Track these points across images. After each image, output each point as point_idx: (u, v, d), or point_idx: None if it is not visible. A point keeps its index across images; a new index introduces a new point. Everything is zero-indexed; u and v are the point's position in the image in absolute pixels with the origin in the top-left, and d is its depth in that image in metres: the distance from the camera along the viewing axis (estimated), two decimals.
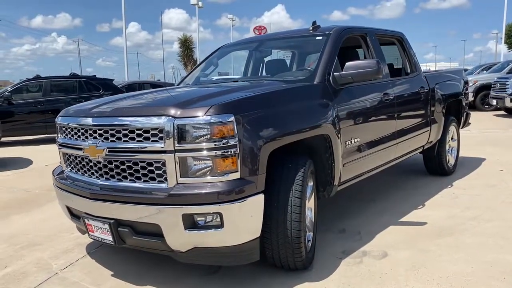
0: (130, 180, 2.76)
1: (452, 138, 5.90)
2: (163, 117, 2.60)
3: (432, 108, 5.11)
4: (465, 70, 21.56)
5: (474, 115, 14.23)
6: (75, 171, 3.16)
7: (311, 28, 4.13)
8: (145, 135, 2.65)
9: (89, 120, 2.93)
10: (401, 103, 4.39)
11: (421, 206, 4.50)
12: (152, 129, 2.63)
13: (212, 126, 2.54)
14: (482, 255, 3.22)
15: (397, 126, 4.30)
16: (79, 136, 3.02)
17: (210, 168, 2.57)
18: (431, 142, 5.27)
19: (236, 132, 2.57)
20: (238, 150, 2.57)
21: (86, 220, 2.98)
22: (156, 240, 2.70)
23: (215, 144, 2.54)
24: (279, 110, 2.90)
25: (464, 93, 6.11)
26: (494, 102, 13.80)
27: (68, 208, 3.27)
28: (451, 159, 5.85)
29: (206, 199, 2.54)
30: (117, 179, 2.82)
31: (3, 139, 10.47)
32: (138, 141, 2.68)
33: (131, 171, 2.75)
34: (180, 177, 2.59)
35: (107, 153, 2.80)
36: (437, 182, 5.40)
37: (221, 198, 2.53)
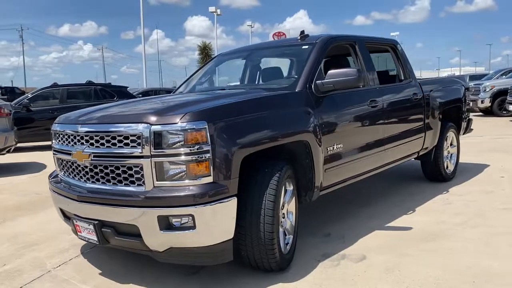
0: (112, 183, 2.93)
1: (451, 144, 5.91)
2: (141, 124, 2.77)
3: (427, 115, 5.15)
4: (485, 75, 21.25)
5: (491, 121, 14.12)
6: (67, 175, 3.35)
7: (299, 37, 4.25)
8: (125, 141, 2.82)
9: (77, 127, 3.12)
10: (390, 109, 4.46)
11: (412, 211, 4.54)
12: (131, 135, 2.79)
13: (186, 132, 2.69)
14: (459, 260, 3.27)
15: (385, 132, 4.37)
16: (69, 142, 3.21)
17: (184, 172, 2.71)
18: (426, 148, 5.30)
19: (208, 138, 2.71)
20: (211, 156, 2.71)
21: (74, 221, 3.17)
22: (136, 241, 2.86)
23: (189, 150, 2.69)
24: (254, 118, 3.03)
25: (464, 100, 6.11)
26: (511, 107, 13.61)
27: (62, 210, 3.47)
28: (449, 165, 5.85)
29: (179, 202, 2.69)
30: (102, 183, 2.99)
31: (23, 144, 10.90)
32: (119, 146, 2.85)
33: (114, 175, 2.92)
34: (157, 180, 2.75)
35: (92, 158, 2.98)
36: (434, 188, 5.42)
37: (192, 201, 2.67)
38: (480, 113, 16.63)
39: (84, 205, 3.04)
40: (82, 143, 3.06)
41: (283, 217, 3.29)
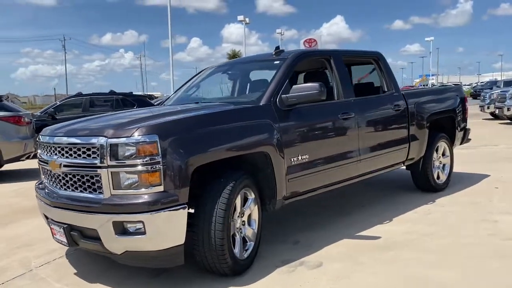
0: (79, 190, 3.22)
1: (443, 155, 5.91)
2: (100, 137, 3.05)
3: (411, 125, 5.21)
4: None
5: None
6: (47, 182, 3.67)
7: (274, 52, 4.45)
8: (88, 152, 3.11)
9: (52, 139, 3.44)
10: (366, 121, 4.57)
11: (388, 221, 4.62)
12: (92, 147, 3.08)
13: (138, 145, 2.94)
14: (407, 270, 3.37)
15: (361, 143, 4.48)
16: (47, 152, 3.54)
17: (136, 182, 2.96)
18: (412, 158, 5.36)
19: (159, 150, 2.95)
20: (162, 167, 2.95)
21: (50, 225, 3.48)
22: (97, 243, 3.13)
23: (141, 161, 2.94)
24: (207, 131, 3.25)
25: (460, 110, 6.10)
26: None
27: (45, 215, 3.79)
28: (441, 176, 5.86)
29: (131, 209, 2.94)
30: (71, 190, 3.29)
31: None
32: (83, 157, 3.14)
33: (80, 183, 3.20)
34: (113, 189, 3.01)
35: (62, 167, 3.29)
36: (422, 198, 5.45)
37: (143, 208, 2.92)
38: (508, 121, 16.16)
39: (56, 210, 3.35)
40: (56, 154, 3.37)
41: (243, 225, 3.50)
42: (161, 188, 2.97)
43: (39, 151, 3.85)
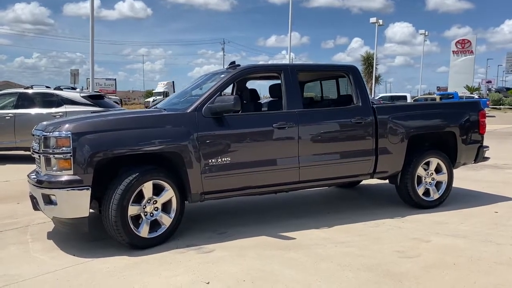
0: (37, 168, 4.41)
1: (438, 172, 5.72)
2: (41, 131, 4.17)
3: (381, 139, 5.25)
4: None
5: None
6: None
7: (228, 66, 5.07)
8: (38, 141, 4.26)
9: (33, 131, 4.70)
10: (310, 131, 4.89)
11: (327, 227, 4.86)
12: (38, 138, 4.22)
13: (57, 138, 3.98)
14: (268, 265, 3.76)
15: (300, 151, 4.81)
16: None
17: (56, 165, 4.00)
18: (385, 171, 5.39)
19: (71, 144, 3.94)
20: (72, 156, 3.94)
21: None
22: (40, 209, 4.26)
23: (58, 150, 3.97)
24: (117, 132, 4.12)
25: (467, 126, 5.80)
26: None
27: None
28: (432, 193, 5.68)
29: (50, 185, 4.00)
30: (37, 168, 4.50)
31: None
32: (36, 145, 4.32)
33: (37, 163, 4.39)
34: (45, 170, 4.10)
35: (33, 152, 4.51)
36: (397, 212, 5.45)
37: (56, 186, 3.96)
38: None
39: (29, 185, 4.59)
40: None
41: (156, 210, 4.27)
42: (71, 172, 3.96)
43: None
